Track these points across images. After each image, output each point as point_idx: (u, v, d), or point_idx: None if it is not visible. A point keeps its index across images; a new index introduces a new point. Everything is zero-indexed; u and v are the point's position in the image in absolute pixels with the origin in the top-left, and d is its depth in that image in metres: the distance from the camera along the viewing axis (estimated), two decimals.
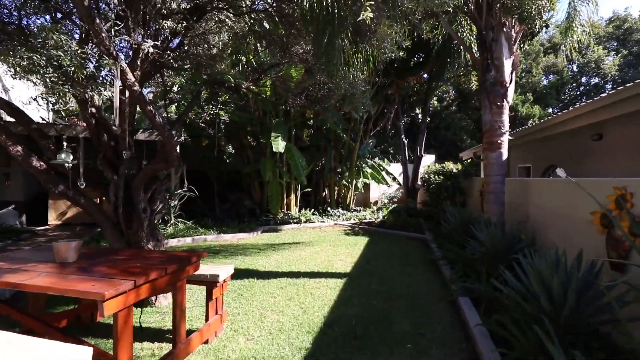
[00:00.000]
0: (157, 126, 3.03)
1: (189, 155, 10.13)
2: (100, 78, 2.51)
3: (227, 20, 5.65)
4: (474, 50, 6.48)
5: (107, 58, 2.44)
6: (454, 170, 8.79)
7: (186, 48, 5.65)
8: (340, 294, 4.38)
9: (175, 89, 9.64)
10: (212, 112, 8.91)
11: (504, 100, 5.15)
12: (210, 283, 3.17)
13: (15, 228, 7.97)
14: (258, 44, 6.91)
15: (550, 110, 24.15)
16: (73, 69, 2.44)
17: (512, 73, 5.24)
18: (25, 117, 3.64)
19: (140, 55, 2.97)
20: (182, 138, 9.53)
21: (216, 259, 6.20)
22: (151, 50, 2.76)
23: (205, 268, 3.34)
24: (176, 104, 9.26)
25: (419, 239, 8.08)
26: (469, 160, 8.90)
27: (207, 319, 3.20)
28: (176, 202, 8.66)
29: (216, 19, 5.46)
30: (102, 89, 2.50)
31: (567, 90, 24.33)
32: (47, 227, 8.99)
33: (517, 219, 5.22)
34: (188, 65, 5.12)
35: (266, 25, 5.89)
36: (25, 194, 9.15)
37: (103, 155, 3.56)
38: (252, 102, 10.68)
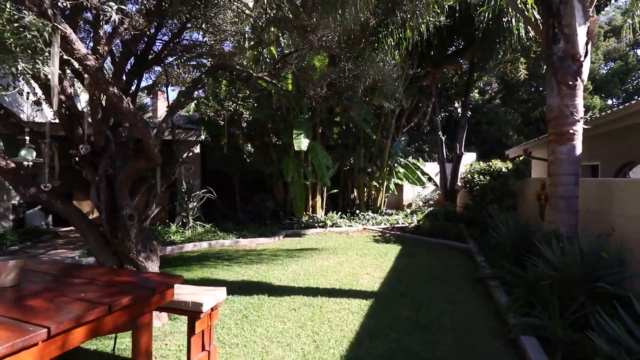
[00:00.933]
0: (126, 114, 2.40)
1: (209, 154, 9.74)
2: (43, 49, 1.88)
3: (243, 7, 5.03)
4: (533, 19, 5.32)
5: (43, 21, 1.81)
6: (503, 170, 7.57)
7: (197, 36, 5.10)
8: (364, 323, 3.55)
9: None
10: (231, 108, 8.42)
11: (577, 78, 4.03)
12: (192, 313, 2.49)
13: (40, 229, 7.96)
14: (276, 30, 6.25)
15: (610, 101, 21.39)
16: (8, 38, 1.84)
17: (587, 44, 4.10)
18: (2, 110, 3.20)
19: (101, 24, 2.37)
20: (203, 137, 9.14)
21: (229, 269, 5.60)
22: (114, 16, 2.12)
23: (189, 292, 2.67)
24: (195, 101, 8.92)
25: (460, 249, 6.99)
26: (521, 158, 7.64)
27: (189, 358, 2.52)
28: (195, 204, 8.25)
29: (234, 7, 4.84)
30: (40, 61, 1.90)
31: (632, 77, 21.39)
32: (71, 228, 8.98)
33: (595, 231, 4.07)
34: (194, 50, 4.56)
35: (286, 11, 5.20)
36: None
37: (79, 152, 3.01)
38: (275, 98, 10.09)
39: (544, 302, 3.44)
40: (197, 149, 9.19)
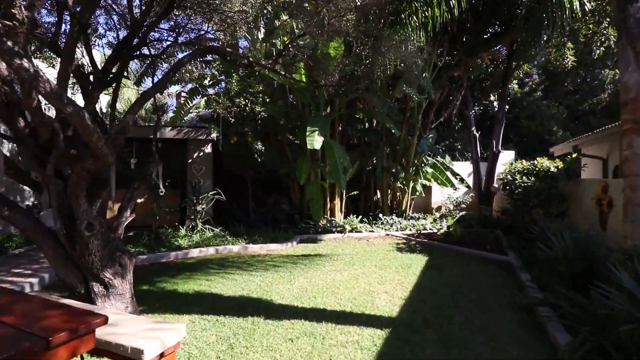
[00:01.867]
0: (47, 98, 1.82)
1: (221, 153, 9.28)
2: None
3: None
4: None
5: None
6: (551, 169, 6.45)
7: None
8: None
9: (206, 82, 8.87)
10: (242, 104, 7.90)
11: None
12: None
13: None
14: (285, 12, 5.62)
15: None
16: None
17: None
18: None
19: None
20: (214, 135, 8.69)
21: (230, 279, 5.02)
22: None
23: (138, 329, 2.05)
24: (206, 97, 8.50)
25: (499, 263, 5.96)
26: (573, 155, 6.48)
27: None
28: (203, 206, 7.80)
29: None
30: None
31: None
32: None
33: None
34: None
35: None
36: None
37: (24, 149, 2.50)
38: (290, 96, 9.47)
39: (624, 351, 2.50)
40: (209, 149, 8.76)
